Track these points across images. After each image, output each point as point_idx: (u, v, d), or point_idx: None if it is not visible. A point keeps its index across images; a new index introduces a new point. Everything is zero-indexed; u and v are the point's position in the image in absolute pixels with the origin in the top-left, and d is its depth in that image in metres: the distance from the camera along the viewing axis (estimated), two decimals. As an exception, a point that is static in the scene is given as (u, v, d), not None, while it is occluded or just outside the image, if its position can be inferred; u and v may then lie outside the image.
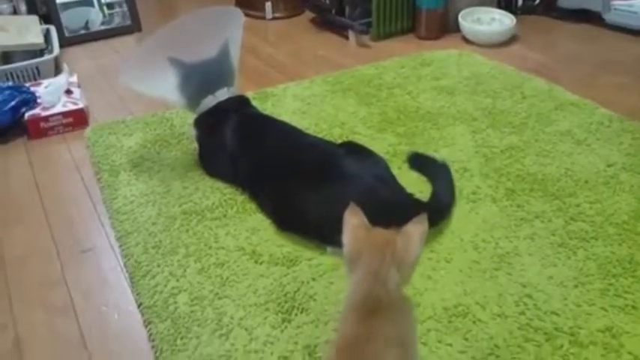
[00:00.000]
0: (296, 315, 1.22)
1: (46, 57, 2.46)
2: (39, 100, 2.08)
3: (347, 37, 2.78)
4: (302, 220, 1.43)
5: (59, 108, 2.05)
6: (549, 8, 2.92)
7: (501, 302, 1.23)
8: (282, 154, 1.57)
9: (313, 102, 2.13)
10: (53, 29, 2.69)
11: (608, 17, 2.71)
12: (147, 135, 1.96)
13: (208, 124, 1.71)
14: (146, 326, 1.23)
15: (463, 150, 1.78)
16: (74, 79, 2.29)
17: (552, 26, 2.85)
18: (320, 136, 1.77)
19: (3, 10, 2.74)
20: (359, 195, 1.21)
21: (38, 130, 2.01)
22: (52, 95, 2.10)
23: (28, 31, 2.54)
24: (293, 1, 3.16)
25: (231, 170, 1.64)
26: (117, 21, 3.00)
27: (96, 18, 2.95)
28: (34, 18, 2.69)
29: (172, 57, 1.65)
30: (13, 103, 2.00)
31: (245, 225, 1.50)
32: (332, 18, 2.90)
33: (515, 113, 1.98)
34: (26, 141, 2.01)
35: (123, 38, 2.94)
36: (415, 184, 1.58)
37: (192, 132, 1.78)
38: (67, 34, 2.85)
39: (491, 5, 2.80)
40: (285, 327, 1.20)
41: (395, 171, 1.60)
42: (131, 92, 2.08)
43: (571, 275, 1.29)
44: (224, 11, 1.83)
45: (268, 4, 3.10)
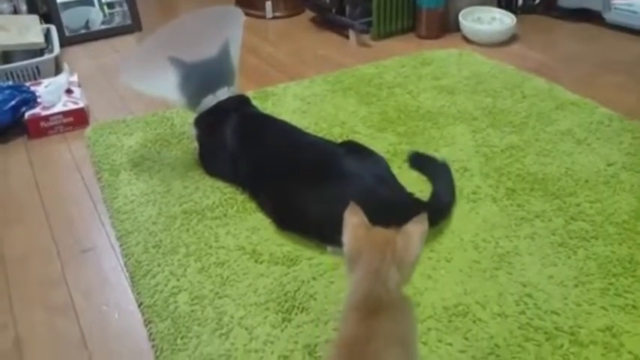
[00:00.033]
0: (296, 314, 1.23)
1: (47, 56, 2.47)
2: (39, 100, 2.08)
3: (347, 37, 2.78)
4: (302, 220, 1.43)
5: (59, 107, 2.05)
6: (550, 7, 2.92)
7: (501, 302, 1.23)
8: (282, 154, 1.57)
9: (313, 101, 2.13)
10: (53, 29, 2.69)
11: (608, 16, 2.71)
12: (147, 134, 1.96)
13: (209, 124, 1.71)
14: (146, 326, 1.23)
15: (463, 149, 1.78)
16: (74, 79, 2.29)
17: (553, 25, 2.84)
18: (320, 136, 1.77)
19: (3, 10, 2.73)
20: (359, 194, 1.21)
21: (38, 130, 2.01)
22: (53, 95, 2.10)
23: (29, 31, 2.54)
24: (293, 1, 3.16)
25: (231, 169, 1.64)
26: (117, 20, 3.00)
27: (96, 17, 2.95)
28: (35, 17, 2.69)
29: (173, 56, 1.65)
30: (14, 103, 2.00)
31: (245, 224, 1.50)
32: (332, 17, 2.90)
33: (515, 113, 1.98)
34: (26, 140, 2.01)
35: (123, 38, 2.94)
36: (415, 184, 1.58)
37: (192, 131, 1.78)
38: (68, 34, 2.85)
39: (491, 4, 2.80)
40: (285, 326, 1.20)
41: (395, 170, 1.60)
42: (131, 92, 2.08)
43: (571, 275, 1.29)
44: (224, 11, 1.83)
45: (268, 4, 3.09)
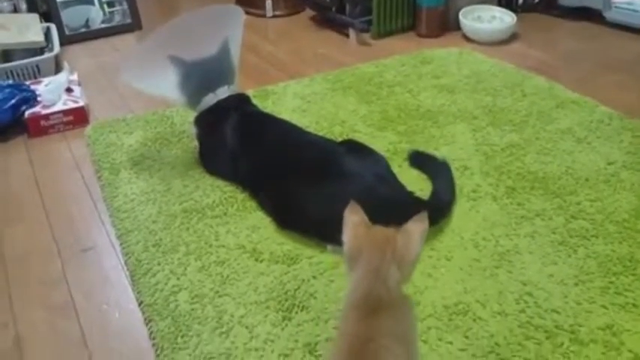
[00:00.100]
0: (296, 313, 1.23)
1: (47, 55, 2.47)
2: (39, 99, 2.08)
3: (347, 35, 2.78)
4: (302, 218, 1.43)
5: (59, 106, 2.05)
6: (550, 6, 2.91)
7: (502, 300, 1.23)
8: (282, 152, 1.57)
9: (313, 100, 2.13)
10: (53, 27, 2.69)
11: (608, 15, 2.70)
12: (147, 133, 1.96)
13: (209, 123, 1.71)
14: (147, 324, 1.24)
15: (463, 148, 1.78)
16: (74, 78, 2.29)
17: (553, 24, 2.84)
18: (320, 135, 1.77)
19: (3, 9, 2.73)
20: (359, 193, 1.21)
21: (38, 129, 2.01)
22: (53, 93, 2.10)
23: (29, 30, 2.54)
24: (293, -1, 3.16)
25: (231, 168, 1.64)
26: (117, 19, 3.00)
27: (96, 16, 2.95)
28: (35, 16, 2.69)
29: (173, 55, 1.65)
30: (14, 102, 2.00)
31: (245, 223, 1.50)
32: (332, 16, 2.90)
33: (515, 111, 1.98)
34: (26, 139, 2.01)
35: (123, 36, 2.94)
36: (415, 183, 1.58)
37: (192, 130, 1.78)
38: (68, 33, 2.85)
39: (491, 3, 2.80)
40: (285, 325, 1.20)
41: (395, 169, 1.60)
42: (131, 90, 2.08)
43: (571, 273, 1.29)
44: (224, 9, 1.82)
45: (269, 2, 3.09)
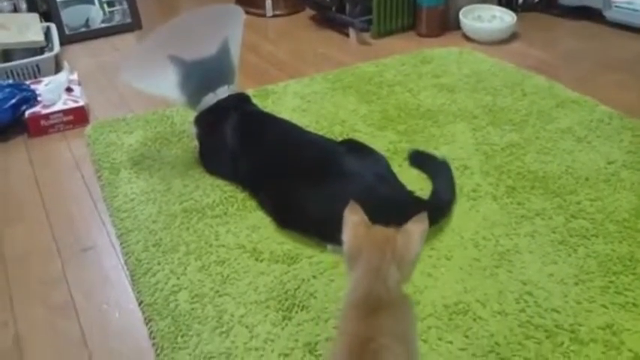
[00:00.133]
0: (296, 312, 1.23)
1: (47, 55, 2.47)
2: (39, 98, 2.08)
3: (347, 35, 2.78)
4: (302, 218, 1.43)
5: (60, 106, 2.05)
6: (550, 5, 2.91)
7: (502, 300, 1.23)
8: (282, 152, 1.57)
9: (314, 100, 2.13)
10: (54, 27, 2.69)
11: (608, 15, 2.70)
12: (147, 133, 1.96)
13: (209, 122, 1.71)
14: (147, 324, 1.24)
15: (463, 147, 1.78)
16: (75, 77, 2.29)
17: (553, 24, 2.84)
18: (320, 134, 1.77)
19: (3, 8, 2.73)
20: (359, 193, 1.22)
21: (38, 128, 2.01)
22: (53, 93, 2.10)
23: (29, 29, 2.54)
24: (293, -1, 3.16)
25: (231, 168, 1.64)
26: (117, 19, 3.00)
27: (96, 16, 2.95)
28: (35, 16, 2.69)
29: (173, 55, 1.65)
30: (14, 101, 2.00)
31: (245, 223, 1.50)
32: (332, 15, 2.90)
33: (515, 111, 1.98)
34: (26, 139, 2.01)
35: (123, 36, 2.95)
36: (415, 182, 1.58)
37: (192, 130, 1.78)
38: (68, 32, 2.85)
39: (491, 2, 2.79)
40: (285, 324, 1.20)
41: (395, 169, 1.60)
42: (132, 90, 2.08)
43: (571, 273, 1.29)
44: (224, 9, 1.82)
45: (269, 2, 3.09)
